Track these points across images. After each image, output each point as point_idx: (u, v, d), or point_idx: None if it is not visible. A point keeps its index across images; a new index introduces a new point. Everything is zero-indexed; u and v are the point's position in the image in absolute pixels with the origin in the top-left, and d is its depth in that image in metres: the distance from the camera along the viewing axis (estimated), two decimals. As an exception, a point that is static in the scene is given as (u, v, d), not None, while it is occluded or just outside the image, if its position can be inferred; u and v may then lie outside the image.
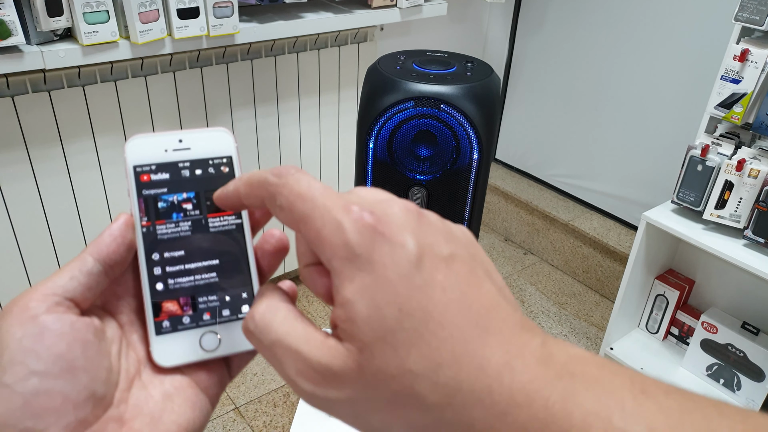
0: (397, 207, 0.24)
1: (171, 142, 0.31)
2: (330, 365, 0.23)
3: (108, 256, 0.28)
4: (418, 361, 0.21)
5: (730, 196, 1.47)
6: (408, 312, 0.22)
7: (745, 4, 1.36)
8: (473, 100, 0.89)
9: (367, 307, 0.22)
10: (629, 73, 2.00)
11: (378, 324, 0.22)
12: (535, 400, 0.21)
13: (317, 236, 0.24)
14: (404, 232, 0.23)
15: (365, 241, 0.23)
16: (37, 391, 0.24)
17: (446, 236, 0.24)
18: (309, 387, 0.23)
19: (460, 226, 0.27)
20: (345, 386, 0.22)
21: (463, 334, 0.22)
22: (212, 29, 1.38)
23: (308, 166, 1.89)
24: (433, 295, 0.22)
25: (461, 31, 2.38)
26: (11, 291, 1.44)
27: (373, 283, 0.22)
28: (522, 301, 2.13)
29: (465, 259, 0.24)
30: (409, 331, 0.22)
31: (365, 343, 0.22)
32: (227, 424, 1.59)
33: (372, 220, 0.23)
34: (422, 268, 0.22)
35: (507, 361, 0.21)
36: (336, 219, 0.23)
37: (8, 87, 1.28)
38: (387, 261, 0.22)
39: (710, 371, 1.72)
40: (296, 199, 0.24)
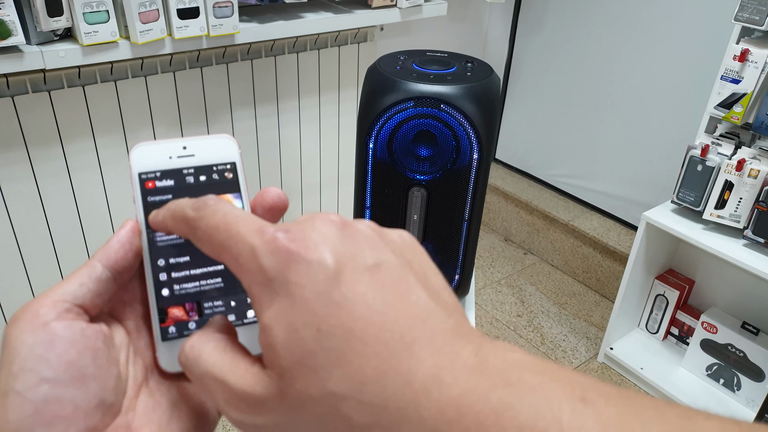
0: (318, 221, 0.23)
1: (175, 149, 0.31)
2: (252, 392, 0.22)
3: (116, 263, 0.28)
4: (340, 382, 0.21)
5: (730, 196, 1.47)
6: (327, 331, 0.21)
7: (745, 4, 1.36)
8: (473, 100, 0.89)
9: (284, 330, 0.22)
10: (629, 73, 2.00)
11: (296, 347, 0.21)
12: (466, 415, 0.19)
13: (236, 265, 0.23)
14: (320, 247, 0.22)
15: (279, 263, 0.22)
16: (48, 399, 0.24)
17: (373, 244, 0.23)
18: (237, 415, 0.23)
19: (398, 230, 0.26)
20: (269, 412, 0.22)
21: (386, 349, 0.21)
22: (212, 29, 1.38)
23: (308, 166, 1.89)
24: (354, 309, 0.21)
25: (461, 31, 2.38)
26: (11, 291, 1.44)
27: (290, 306, 0.22)
28: (522, 301, 2.13)
29: (392, 266, 0.23)
30: (330, 352, 0.21)
31: (284, 368, 0.22)
32: (227, 423, 1.59)
33: (285, 240, 0.22)
34: (341, 282, 0.22)
35: (435, 374, 0.20)
36: (249, 244, 0.23)
37: (8, 87, 1.28)
38: (303, 281, 0.22)
39: (710, 371, 1.72)
40: (213, 232, 0.24)
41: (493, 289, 2.19)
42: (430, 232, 0.99)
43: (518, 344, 1.97)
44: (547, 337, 1.97)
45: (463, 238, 1.00)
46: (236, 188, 0.31)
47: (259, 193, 0.30)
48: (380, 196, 0.99)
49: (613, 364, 1.85)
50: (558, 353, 1.91)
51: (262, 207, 0.30)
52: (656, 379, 1.73)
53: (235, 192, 0.31)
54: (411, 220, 0.99)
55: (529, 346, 1.93)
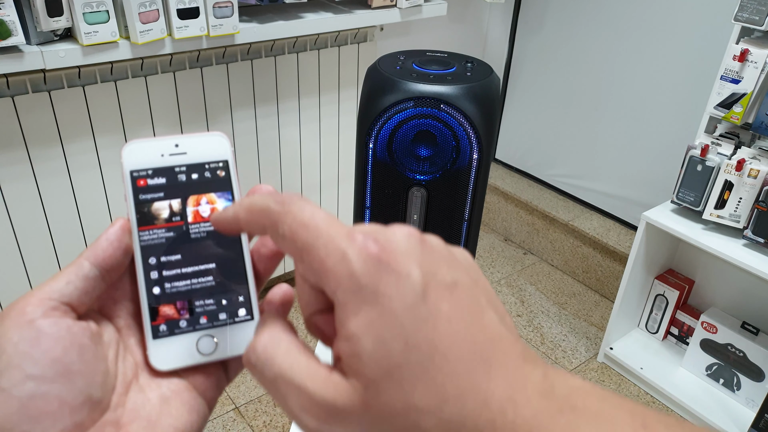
0: (400, 234, 0.24)
1: (167, 146, 0.31)
2: (335, 402, 0.22)
3: (105, 261, 0.28)
4: (423, 397, 0.21)
5: (730, 196, 1.47)
6: (414, 345, 0.21)
7: (745, 4, 1.36)
8: (473, 100, 0.89)
9: (373, 342, 0.22)
10: (629, 73, 2.00)
11: (384, 359, 0.21)
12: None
13: (321, 266, 0.23)
14: (408, 260, 0.23)
15: (370, 271, 0.22)
16: (34, 395, 0.24)
17: (449, 262, 0.24)
18: (314, 423, 0.23)
19: (460, 249, 0.26)
20: (350, 422, 0.22)
21: (467, 368, 0.21)
22: (212, 29, 1.38)
23: (308, 166, 1.89)
24: (438, 326, 0.22)
25: (461, 31, 2.38)
26: (11, 291, 1.44)
27: (378, 317, 0.22)
28: (522, 301, 2.13)
29: (467, 287, 0.24)
30: (415, 366, 0.21)
31: (371, 380, 0.22)
32: (227, 423, 1.59)
33: (376, 249, 0.22)
34: (427, 298, 0.22)
35: (510, 396, 0.21)
36: (340, 248, 0.23)
37: (8, 87, 1.28)
38: (392, 292, 0.22)
39: (710, 371, 1.73)
40: (299, 228, 0.24)
41: (492, 289, 2.19)
42: (430, 232, 0.99)
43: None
44: (547, 337, 1.97)
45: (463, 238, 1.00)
46: (228, 186, 0.31)
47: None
48: (380, 196, 0.99)
49: (612, 364, 1.85)
50: (558, 353, 1.91)
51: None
52: (656, 379, 1.73)
53: (227, 190, 0.31)
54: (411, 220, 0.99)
55: (529, 346, 1.93)
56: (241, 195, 0.31)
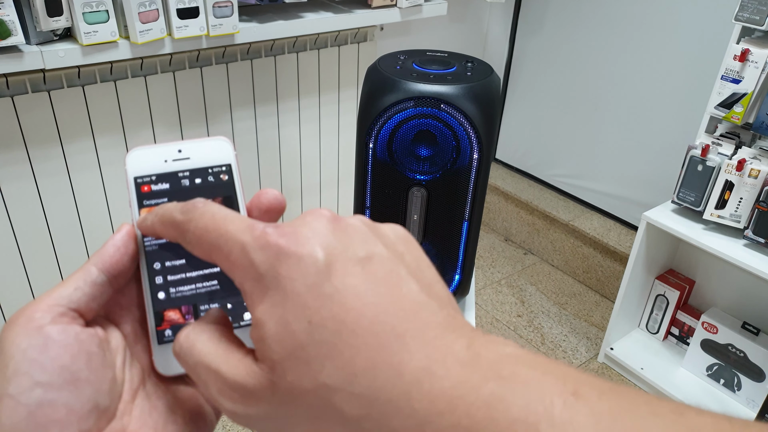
0: (309, 217, 0.24)
1: (170, 152, 0.31)
2: (245, 384, 0.23)
3: (112, 267, 0.28)
4: (332, 374, 0.21)
5: (731, 196, 1.47)
6: (318, 323, 0.21)
7: (745, 4, 1.36)
8: (473, 100, 0.89)
9: (276, 324, 0.22)
10: (629, 73, 2.00)
11: (287, 340, 0.21)
12: (458, 407, 0.20)
13: (227, 263, 0.23)
14: (311, 241, 0.22)
15: (269, 257, 0.22)
16: (41, 403, 0.24)
17: (364, 237, 0.24)
18: (229, 405, 0.23)
19: (391, 224, 0.26)
20: (261, 403, 0.22)
21: (377, 341, 0.21)
22: (212, 29, 1.38)
23: (308, 166, 1.89)
24: (346, 302, 0.21)
25: (461, 31, 2.38)
26: (11, 291, 1.44)
27: (281, 300, 0.22)
28: (522, 301, 2.13)
29: (384, 259, 0.23)
30: (321, 344, 0.21)
31: (276, 361, 0.22)
32: (227, 423, 1.59)
33: (275, 236, 0.22)
34: (333, 274, 0.22)
35: (427, 366, 0.20)
36: (239, 240, 0.23)
37: (8, 87, 1.28)
38: (294, 274, 0.22)
39: (710, 371, 1.72)
40: (202, 233, 0.24)
41: (493, 290, 2.18)
42: (430, 232, 0.99)
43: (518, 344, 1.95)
44: (547, 338, 1.97)
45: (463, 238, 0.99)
46: (232, 190, 0.31)
47: (256, 195, 0.30)
48: (380, 196, 0.99)
49: (613, 364, 1.85)
50: (558, 353, 1.90)
51: (258, 209, 0.30)
52: (656, 379, 1.73)
53: (231, 194, 0.31)
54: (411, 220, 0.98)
55: (529, 347, 1.93)
56: (245, 198, 0.31)
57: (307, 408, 0.22)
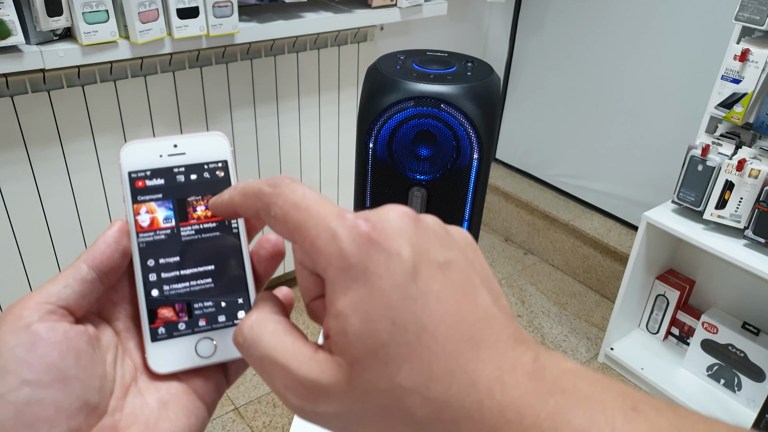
0: (393, 213, 0.23)
1: (166, 147, 0.30)
2: (318, 380, 0.22)
3: (102, 263, 0.28)
4: (409, 376, 0.21)
5: (731, 196, 1.47)
6: (401, 325, 0.21)
7: (746, 3, 1.36)
8: (473, 100, 0.89)
9: (360, 320, 0.22)
10: (630, 73, 2.00)
11: (370, 338, 0.21)
12: (526, 417, 0.20)
13: (312, 245, 0.23)
14: (400, 239, 0.22)
15: (360, 249, 0.22)
16: (30, 401, 0.24)
17: (443, 241, 0.24)
18: (297, 401, 0.23)
19: (458, 228, 0.26)
20: (334, 401, 0.22)
21: (455, 348, 0.21)
22: (212, 29, 1.38)
23: (308, 166, 1.88)
24: (428, 306, 0.22)
25: (461, 30, 2.38)
26: (10, 291, 1.44)
27: (367, 295, 0.22)
28: (522, 301, 2.13)
29: (461, 266, 0.23)
30: (402, 345, 0.21)
31: (356, 358, 0.22)
32: (227, 424, 1.59)
33: (367, 228, 0.22)
34: (418, 277, 0.22)
35: (498, 376, 0.21)
36: (330, 227, 0.23)
37: (8, 87, 1.28)
38: (382, 271, 0.22)
39: (711, 371, 1.72)
40: (290, 209, 0.24)
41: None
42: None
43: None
44: (547, 337, 1.97)
45: (464, 238, 0.99)
46: (227, 186, 0.31)
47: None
48: (380, 196, 0.99)
49: (613, 364, 1.85)
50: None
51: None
52: (657, 379, 1.73)
53: None
54: (411, 220, 0.98)
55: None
56: None
57: (378, 407, 0.22)
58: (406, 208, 0.24)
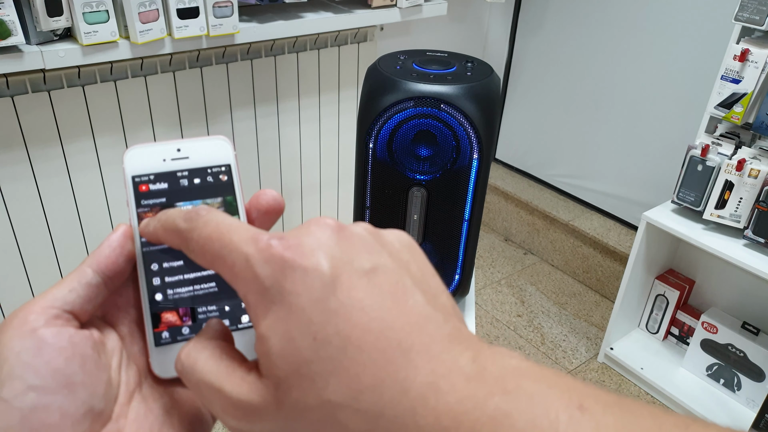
0: (314, 227, 0.23)
1: (169, 151, 0.30)
2: (249, 401, 0.22)
3: (107, 267, 0.28)
4: (337, 390, 0.21)
5: (731, 196, 1.47)
6: (323, 339, 0.21)
7: (745, 4, 1.36)
8: (473, 100, 0.89)
9: (281, 340, 0.21)
10: (629, 73, 2.00)
11: (292, 357, 0.21)
12: (463, 423, 0.19)
13: (230, 273, 0.23)
14: (317, 252, 0.22)
15: (274, 271, 0.22)
16: (35, 407, 0.24)
17: (369, 248, 0.23)
18: (234, 423, 0.23)
19: (396, 231, 0.26)
20: (266, 420, 0.22)
21: (384, 357, 0.21)
22: (212, 29, 1.38)
23: (308, 166, 1.89)
24: (351, 317, 0.21)
25: (461, 31, 2.38)
26: (10, 291, 1.44)
27: (285, 315, 0.22)
28: (522, 301, 2.13)
29: (389, 270, 0.23)
30: (326, 360, 0.21)
31: (281, 378, 0.22)
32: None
33: (280, 248, 0.22)
34: (338, 288, 0.21)
35: (432, 381, 0.20)
36: (243, 253, 0.23)
37: (8, 87, 1.28)
38: (299, 288, 0.21)
39: (710, 371, 1.72)
40: (206, 242, 0.24)
41: (493, 289, 2.18)
42: (430, 232, 0.99)
43: (518, 344, 1.98)
44: (547, 338, 1.97)
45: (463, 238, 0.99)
46: (231, 191, 0.31)
47: (255, 196, 0.30)
48: (380, 196, 0.99)
49: (613, 364, 1.85)
50: (558, 353, 1.90)
51: (257, 210, 0.30)
52: (656, 379, 1.73)
53: (230, 195, 0.31)
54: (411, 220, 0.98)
55: (529, 347, 1.93)
56: (244, 199, 0.31)
57: (311, 424, 0.21)
58: (330, 219, 0.24)
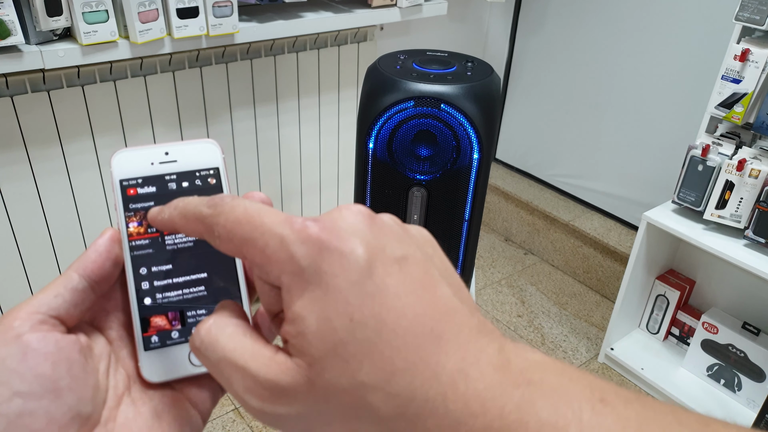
0: (346, 212, 0.23)
1: (157, 154, 0.30)
2: (278, 381, 0.22)
3: (93, 272, 0.28)
4: (370, 372, 0.21)
5: (731, 196, 1.47)
6: (360, 321, 0.21)
7: (746, 3, 1.36)
8: (473, 100, 0.89)
9: (317, 320, 0.21)
10: (630, 73, 2.00)
11: (329, 337, 0.21)
12: (490, 409, 0.20)
13: (262, 255, 0.23)
14: (352, 237, 0.22)
15: (311, 251, 0.22)
16: (21, 413, 0.23)
17: (399, 237, 0.23)
18: (257, 404, 0.23)
19: (417, 226, 0.26)
20: (295, 402, 0.22)
21: (417, 341, 0.21)
22: (212, 29, 1.38)
23: (308, 166, 1.88)
24: (386, 301, 0.21)
25: (461, 30, 2.38)
26: (10, 291, 1.44)
27: (322, 295, 0.21)
28: (522, 301, 2.13)
29: (419, 260, 0.23)
30: (362, 342, 0.21)
31: (316, 358, 0.21)
32: (227, 424, 1.59)
33: (316, 230, 0.22)
34: (374, 273, 0.22)
35: (462, 368, 0.21)
36: (278, 234, 0.22)
37: (7, 87, 1.28)
38: (336, 270, 0.21)
39: (711, 372, 1.72)
40: (234, 226, 0.23)
41: (493, 290, 2.18)
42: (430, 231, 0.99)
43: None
44: (547, 338, 1.97)
45: (463, 238, 0.99)
46: (219, 194, 0.31)
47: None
48: (380, 196, 0.99)
49: (613, 364, 1.85)
50: (558, 353, 1.90)
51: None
52: (657, 379, 1.73)
53: None
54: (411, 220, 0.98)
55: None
56: None
57: (341, 406, 0.21)
58: (362, 206, 0.24)
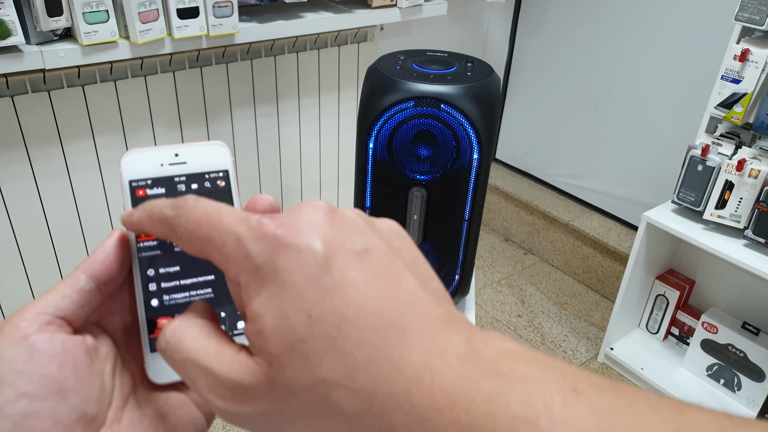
0: (306, 208, 0.23)
1: (167, 156, 0.30)
2: (239, 380, 0.22)
3: (101, 273, 0.28)
4: (331, 368, 0.20)
5: (731, 196, 1.47)
6: (318, 317, 0.21)
7: (746, 3, 1.36)
8: (473, 100, 0.89)
9: (275, 317, 0.21)
10: (630, 73, 2.00)
11: (287, 334, 0.21)
12: (458, 403, 0.19)
13: (221, 255, 0.23)
14: (309, 232, 0.22)
15: (266, 248, 0.22)
16: (27, 414, 0.23)
17: (361, 230, 0.23)
18: (221, 403, 0.22)
19: (386, 219, 0.26)
20: (257, 401, 0.22)
21: (379, 335, 0.20)
22: (212, 29, 1.38)
23: (308, 166, 1.89)
24: (345, 295, 0.21)
25: (461, 31, 2.38)
26: (10, 291, 1.44)
27: (279, 292, 0.21)
28: (522, 301, 2.13)
29: (382, 252, 0.23)
30: (321, 338, 0.21)
31: (274, 356, 0.21)
32: (227, 424, 1.59)
33: (272, 227, 0.22)
34: (332, 267, 0.21)
35: (427, 361, 0.20)
36: (234, 232, 0.22)
37: (8, 87, 1.28)
38: (292, 266, 0.21)
39: (710, 371, 1.72)
40: (194, 227, 0.23)
41: (493, 289, 2.18)
42: (430, 232, 0.99)
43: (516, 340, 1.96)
44: (547, 338, 1.97)
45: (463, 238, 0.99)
46: (228, 197, 0.31)
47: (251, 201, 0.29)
48: (380, 196, 0.99)
49: (613, 364, 1.85)
50: (558, 353, 1.90)
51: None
52: (656, 379, 1.73)
53: (228, 200, 0.31)
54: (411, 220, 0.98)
55: (529, 347, 1.93)
56: (242, 205, 0.31)
57: (304, 404, 0.21)
58: (322, 202, 0.24)
